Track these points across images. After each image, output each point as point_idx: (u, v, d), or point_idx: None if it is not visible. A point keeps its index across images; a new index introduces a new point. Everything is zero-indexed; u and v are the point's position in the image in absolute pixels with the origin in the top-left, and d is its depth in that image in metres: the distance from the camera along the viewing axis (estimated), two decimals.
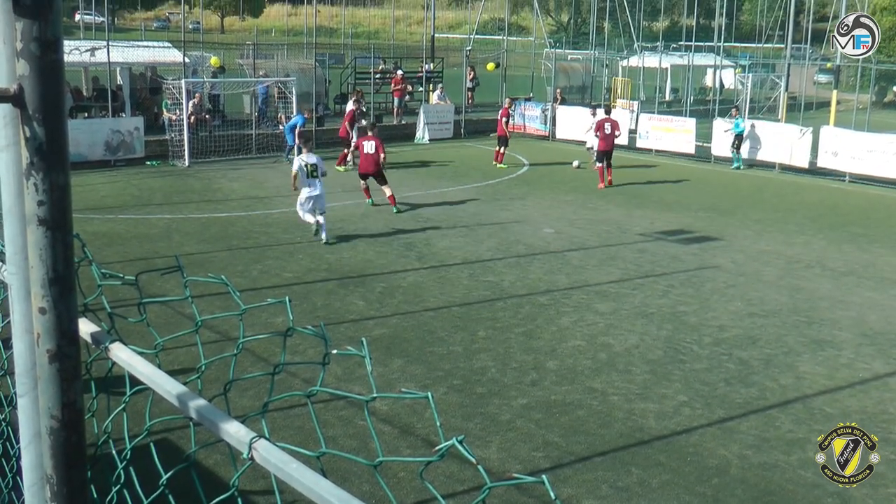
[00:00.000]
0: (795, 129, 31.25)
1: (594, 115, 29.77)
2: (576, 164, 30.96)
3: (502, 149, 31.06)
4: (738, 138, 32.01)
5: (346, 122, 29.30)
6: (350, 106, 30.78)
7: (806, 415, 11.23)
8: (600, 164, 27.63)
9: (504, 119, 30.94)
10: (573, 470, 9.66)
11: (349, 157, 28.51)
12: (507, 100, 33.48)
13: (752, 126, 32.83)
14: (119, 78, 33.20)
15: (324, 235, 19.20)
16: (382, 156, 22.71)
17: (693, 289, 16.63)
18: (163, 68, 35.47)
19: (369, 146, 22.73)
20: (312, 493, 1.66)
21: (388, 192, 22.75)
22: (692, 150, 34.14)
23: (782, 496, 9.24)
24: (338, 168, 28.73)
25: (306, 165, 19.05)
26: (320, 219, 19.28)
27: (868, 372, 12.79)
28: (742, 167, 32.12)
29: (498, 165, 30.86)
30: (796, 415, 11.23)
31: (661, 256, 18.96)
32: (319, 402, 10.88)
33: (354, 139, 27.54)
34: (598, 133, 27.77)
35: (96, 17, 53.75)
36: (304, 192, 19.21)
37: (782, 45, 45.53)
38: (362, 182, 23.28)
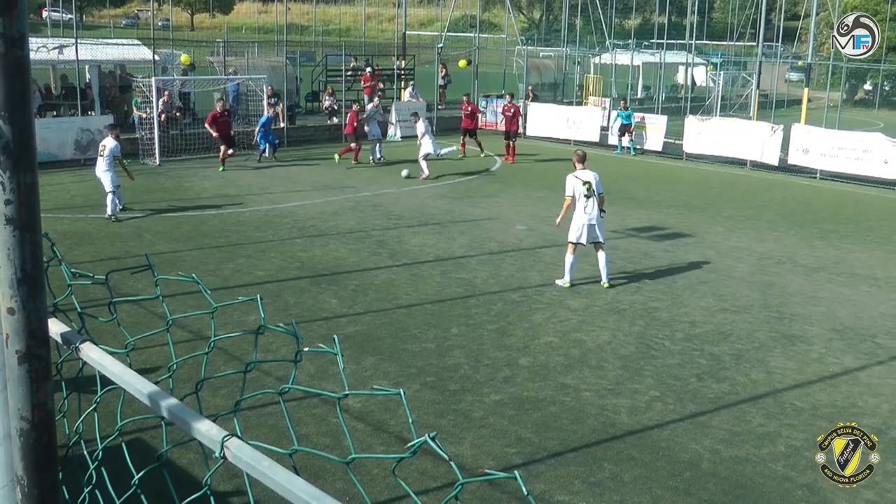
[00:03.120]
0: (767, 127, 31.46)
1: (417, 121, 30.13)
2: (405, 173, 28.76)
3: (467, 138, 32.98)
4: (625, 128, 34.74)
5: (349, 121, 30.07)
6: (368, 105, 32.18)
7: (777, 409, 11.31)
8: (507, 142, 32.18)
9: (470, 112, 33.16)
10: (546, 465, 9.68)
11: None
12: (465, 95, 35.15)
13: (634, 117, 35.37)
14: (88, 76, 32.95)
15: (108, 211, 21.05)
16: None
17: (665, 285, 16.71)
18: (132, 66, 35.23)
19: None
20: (285, 491, 1.66)
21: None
22: (661, 148, 34.47)
23: (753, 489, 9.30)
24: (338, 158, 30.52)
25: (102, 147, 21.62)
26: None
27: (838, 366, 12.90)
28: (628, 154, 34.55)
29: (460, 154, 32.60)
30: (767, 409, 11.31)
31: (633, 253, 19.03)
32: (292, 400, 10.87)
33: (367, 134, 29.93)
34: (503, 116, 32.91)
35: (64, 14, 53.21)
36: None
37: (754, 43, 45.72)
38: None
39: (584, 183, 16.05)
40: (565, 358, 12.88)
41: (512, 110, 32.52)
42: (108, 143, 21.40)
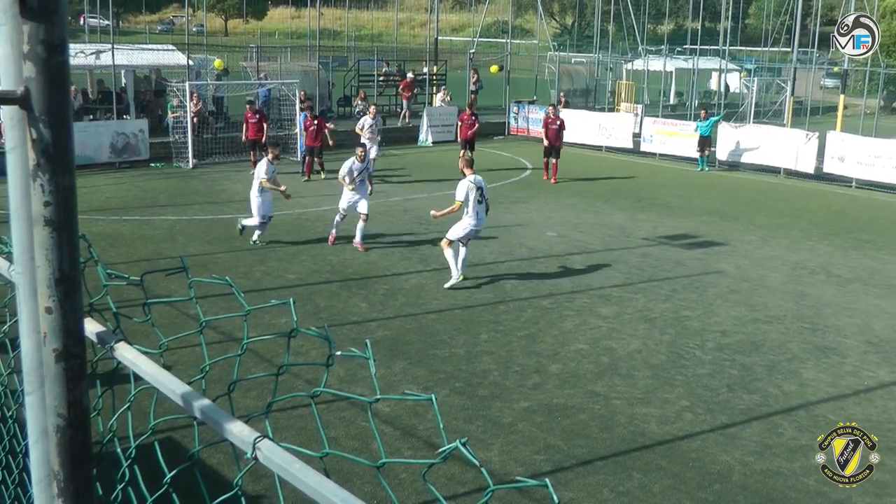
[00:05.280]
0: (801, 134, 31.15)
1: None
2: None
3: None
4: (704, 141, 32.65)
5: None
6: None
7: (809, 422, 11.20)
8: (547, 159, 29.47)
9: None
10: (574, 473, 9.66)
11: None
12: (469, 105, 33.14)
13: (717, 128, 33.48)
14: (123, 80, 33.27)
15: (243, 224, 19.65)
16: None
17: (696, 293, 16.62)
18: (167, 71, 35.56)
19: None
20: (316, 494, 1.67)
21: None
22: (696, 154, 34.26)
23: (785, 503, 9.23)
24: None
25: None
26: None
27: (873, 380, 12.74)
28: (706, 169, 32.87)
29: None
30: (799, 422, 11.20)
31: (665, 261, 18.95)
32: (322, 403, 10.90)
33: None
34: (545, 129, 29.69)
35: (101, 21, 53.79)
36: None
37: (789, 49, 45.43)
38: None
39: (477, 189, 16.23)
40: (595, 365, 12.84)
41: (557, 122, 29.41)
42: (260, 166, 19.33)
